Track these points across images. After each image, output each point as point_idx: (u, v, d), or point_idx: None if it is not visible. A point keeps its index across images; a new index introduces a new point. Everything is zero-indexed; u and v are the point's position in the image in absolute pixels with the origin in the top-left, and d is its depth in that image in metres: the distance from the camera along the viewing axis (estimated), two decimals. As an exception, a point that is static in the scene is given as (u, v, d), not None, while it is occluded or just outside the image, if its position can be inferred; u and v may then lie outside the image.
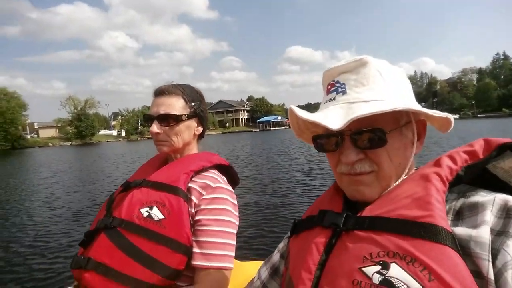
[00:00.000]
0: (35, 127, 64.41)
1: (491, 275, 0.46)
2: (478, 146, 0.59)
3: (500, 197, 0.53)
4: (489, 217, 0.51)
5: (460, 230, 0.51)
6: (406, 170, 0.63)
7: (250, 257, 3.40)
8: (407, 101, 0.63)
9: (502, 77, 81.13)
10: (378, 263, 0.52)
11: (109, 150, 28.77)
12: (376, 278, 0.51)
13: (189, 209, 1.01)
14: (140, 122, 65.82)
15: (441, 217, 0.52)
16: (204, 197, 1.03)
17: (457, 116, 72.21)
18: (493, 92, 74.14)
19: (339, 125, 0.55)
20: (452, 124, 0.65)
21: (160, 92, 1.13)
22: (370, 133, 0.59)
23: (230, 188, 1.10)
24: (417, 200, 0.55)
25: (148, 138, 64.04)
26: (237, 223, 1.06)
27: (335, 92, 0.64)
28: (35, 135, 59.00)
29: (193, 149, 1.20)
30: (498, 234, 0.49)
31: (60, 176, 12.53)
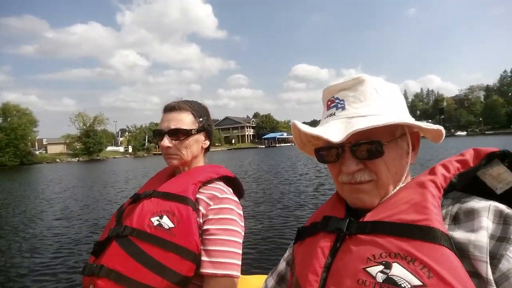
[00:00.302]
0: (44, 143, 65.46)
1: (491, 276, 0.50)
2: (469, 155, 0.64)
3: (494, 204, 0.57)
4: (486, 222, 0.55)
5: (459, 234, 0.56)
6: (403, 179, 0.68)
7: (254, 271, 3.39)
8: (402, 115, 0.69)
9: (510, 94, 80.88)
10: (381, 263, 0.56)
11: (117, 166, 28.95)
12: (380, 277, 0.54)
13: (197, 219, 1.04)
14: (147, 138, 66.56)
15: (438, 221, 0.56)
16: (211, 207, 1.06)
17: (464, 133, 71.75)
18: (501, 109, 73.87)
19: (340, 138, 0.61)
20: (443, 135, 0.71)
21: (170, 108, 1.18)
22: (369, 145, 0.63)
23: (236, 199, 1.14)
24: (415, 206, 0.60)
25: (154, 154, 64.91)
26: (243, 233, 1.09)
27: (335, 108, 0.70)
28: (44, 151, 59.88)
29: (200, 161, 1.25)
30: (500, 239, 0.53)
31: (71, 190, 12.60)
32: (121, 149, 67.72)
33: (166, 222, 1.02)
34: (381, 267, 0.55)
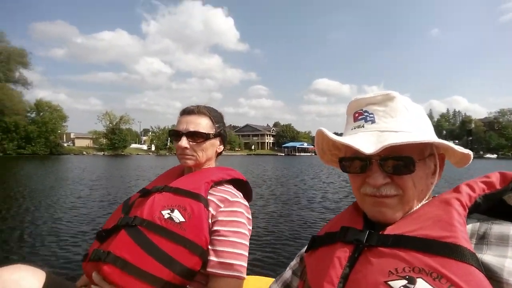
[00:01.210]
0: (72, 137, 68.32)
1: None
2: (495, 178, 0.63)
3: None
4: None
5: (489, 257, 0.54)
6: (426, 197, 0.68)
7: (257, 270, 3.36)
8: (430, 135, 0.69)
9: (544, 119, 77.19)
10: (404, 277, 0.53)
11: (142, 162, 29.61)
12: None
13: (208, 216, 1.05)
14: (170, 139, 67.69)
15: (465, 239, 0.55)
16: (221, 209, 1.07)
17: (494, 156, 68.95)
18: (534, 134, 70.44)
19: (372, 150, 0.60)
20: (471, 160, 0.70)
21: (189, 111, 1.22)
22: (400, 160, 0.63)
23: (246, 203, 1.15)
24: (440, 222, 0.58)
25: (175, 154, 65.39)
26: (249, 236, 1.11)
27: (363, 120, 0.69)
28: (71, 144, 62.20)
29: (212, 164, 1.28)
30: None
31: (98, 180, 12.98)
32: (144, 147, 69.33)
33: (177, 216, 1.03)
34: (404, 282, 0.53)
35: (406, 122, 0.66)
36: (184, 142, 1.16)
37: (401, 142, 0.58)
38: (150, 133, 77.20)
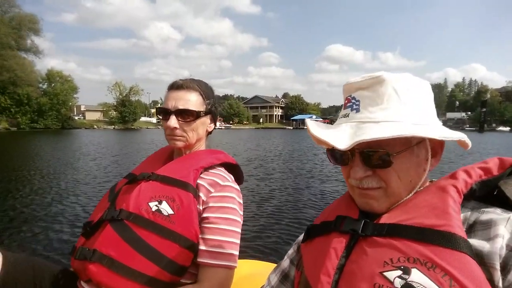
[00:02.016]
0: (82, 109, 68.64)
1: (500, 284, 0.50)
2: (493, 163, 0.62)
3: None
4: (503, 231, 0.53)
5: (474, 242, 0.54)
6: (418, 186, 0.65)
7: (245, 256, 3.46)
8: (426, 119, 0.64)
9: None
10: (399, 268, 0.53)
11: (153, 137, 29.78)
12: (398, 283, 0.52)
13: (197, 206, 1.01)
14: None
15: (459, 227, 0.55)
16: (212, 194, 1.03)
17: (507, 128, 67.13)
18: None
19: (345, 145, 0.58)
20: (469, 145, 0.64)
21: (178, 86, 1.12)
22: (377, 154, 0.61)
23: (237, 187, 1.11)
24: (435, 210, 0.58)
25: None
26: (241, 222, 1.07)
27: (349, 109, 0.66)
28: (82, 117, 62.87)
29: (203, 145, 1.21)
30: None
31: (111, 157, 13.30)
32: (154, 120, 69.79)
33: (165, 208, 0.98)
34: (399, 272, 0.53)
35: (393, 110, 0.62)
36: (173, 121, 1.08)
37: (370, 138, 0.56)
38: (159, 104, 77.30)
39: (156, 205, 0.99)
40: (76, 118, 57.60)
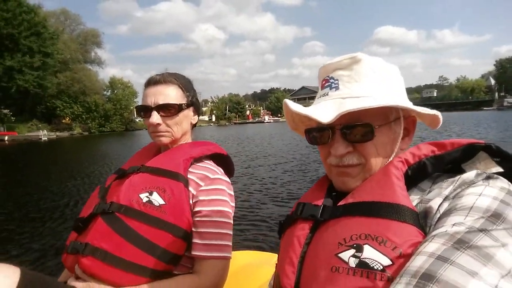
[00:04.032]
0: (141, 112, 73.87)
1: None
2: (449, 142, 0.62)
3: (469, 173, 0.57)
4: (448, 191, 0.55)
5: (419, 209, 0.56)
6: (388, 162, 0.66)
7: (240, 247, 3.39)
8: (398, 98, 0.66)
9: None
10: (352, 246, 0.54)
11: (208, 133, 31.27)
12: (352, 262, 0.53)
13: (188, 196, 1.00)
14: (227, 108, 69.80)
15: (403, 195, 0.56)
16: (202, 188, 1.02)
17: None
18: None
19: (329, 118, 0.59)
20: (441, 122, 0.67)
21: (155, 82, 1.09)
22: (359, 127, 0.62)
23: (227, 179, 1.09)
24: (380, 182, 0.60)
25: (235, 123, 68.08)
26: (233, 213, 1.06)
27: (328, 88, 0.67)
28: (142, 119, 67.63)
29: (189, 138, 1.19)
30: (446, 198, 0.54)
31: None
32: (206, 118, 72.62)
33: (156, 199, 0.98)
34: (352, 251, 0.54)
35: (370, 86, 0.64)
36: (155, 117, 1.06)
37: (356, 108, 0.57)
38: (210, 103, 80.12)
39: (147, 196, 0.99)
40: (137, 120, 62.18)
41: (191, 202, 1.01)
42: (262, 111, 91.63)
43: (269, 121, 67.87)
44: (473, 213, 0.48)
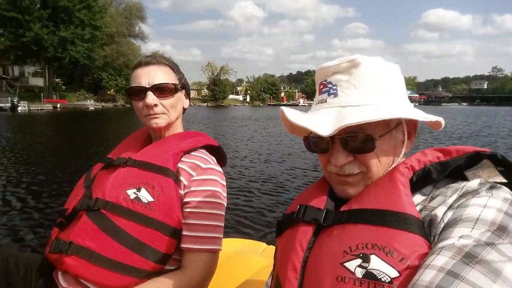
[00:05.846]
0: (179, 88, 76.35)
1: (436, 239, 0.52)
2: (454, 149, 0.61)
3: (471, 184, 0.56)
4: (452, 199, 0.55)
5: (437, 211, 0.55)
6: (392, 167, 0.65)
7: (229, 235, 3.39)
8: (401, 102, 0.65)
9: None
10: (358, 256, 0.53)
11: (243, 113, 31.70)
12: (359, 272, 0.52)
13: (179, 191, 0.97)
14: (262, 89, 69.74)
15: (409, 204, 0.56)
16: (194, 178, 0.99)
17: None
18: None
19: (329, 131, 0.57)
20: (443, 125, 0.66)
21: (147, 62, 1.05)
22: (359, 138, 0.60)
23: (220, 169, 1.06)
24: (385, 188, 0.59)
25: (269, 104, 67.83)
26: (225, 204, 1.03)
27: (326, 94, 0.65)
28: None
29: (180, 125, 1.13)
30: (450, 207, 0.54)
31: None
32: (240, 97, 73.27)
33: (145, 196, 0.94)
34: (359, 261, 0.53)
35: (371, 93, 0.62)
36: (151, 98, 1.00)
37: (356, 122, 0.56)
38: (245, 83, 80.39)
39: (134, 193, 0.95)
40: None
41: (182, 192, 0.97)
42: (297, 93, 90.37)
43: (303, 104, 66.75)
44: (479, 225, 0.49)
